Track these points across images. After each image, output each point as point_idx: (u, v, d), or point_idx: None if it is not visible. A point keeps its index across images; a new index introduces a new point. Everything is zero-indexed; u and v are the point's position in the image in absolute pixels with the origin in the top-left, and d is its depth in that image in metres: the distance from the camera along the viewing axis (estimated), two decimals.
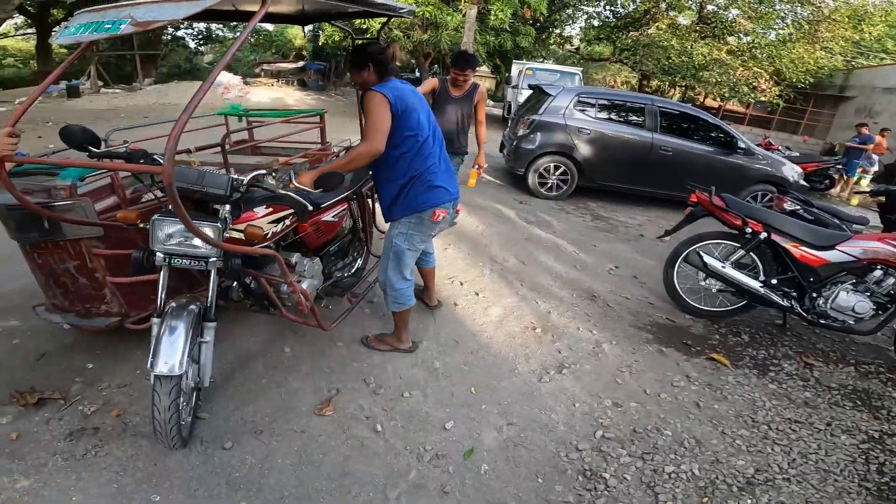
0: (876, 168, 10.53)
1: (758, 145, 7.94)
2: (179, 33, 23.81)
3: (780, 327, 3.94)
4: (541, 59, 20.47)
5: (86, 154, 2.03)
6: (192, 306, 2.08)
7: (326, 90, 22.07)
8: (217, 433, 2.35)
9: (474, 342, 3.24)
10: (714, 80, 15.70)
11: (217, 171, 2.16)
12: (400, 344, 3.05)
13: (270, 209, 2.34)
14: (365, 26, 11.21)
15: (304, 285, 2.61)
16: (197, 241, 2.00)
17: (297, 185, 2.21)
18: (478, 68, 4.17)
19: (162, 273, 2.10)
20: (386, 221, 2.80)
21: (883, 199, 4.65)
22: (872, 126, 16.11)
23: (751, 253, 3.71)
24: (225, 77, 18.14)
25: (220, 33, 26.06)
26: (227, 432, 2.37)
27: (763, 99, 16.83)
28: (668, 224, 6.30)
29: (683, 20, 18.31)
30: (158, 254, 2.04)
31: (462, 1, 11.55)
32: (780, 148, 10.83)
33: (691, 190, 3.89)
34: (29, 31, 23.91)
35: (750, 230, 3.61)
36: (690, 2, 17.45)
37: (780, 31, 16.30)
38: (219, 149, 3.38)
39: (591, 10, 20.87)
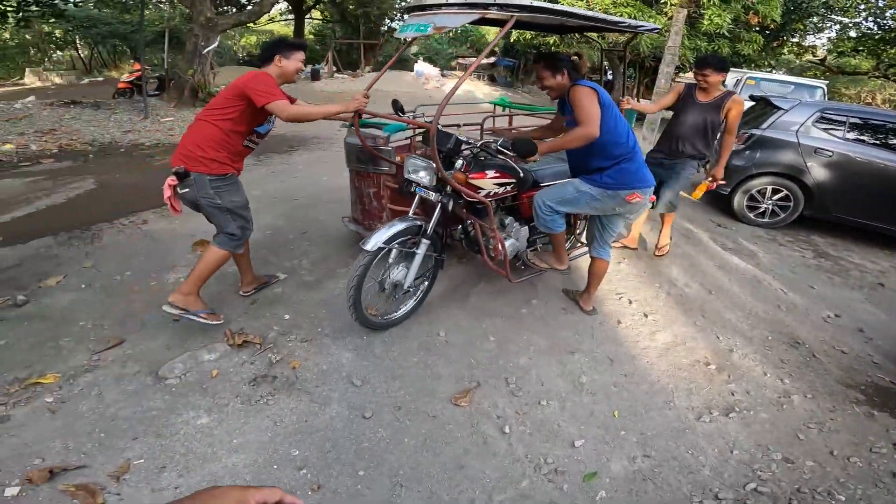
0: None
1: None
2: (395, 24, 26.51)
3: None
4: (769, 69, 18.03)
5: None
6: (416, 221, 2.92)
7: (514, 86, 22.82)
8: (364, 401, 2.62)
9: (631, 364, 3.06)
10: None
11: (459, 137, 2.97)
12: (558, 264, 3.33)
13: (498, 174, 3.00)
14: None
15: (508, 242, 3.22)
16: (423, 175, 2.98)
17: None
18: (725, 71, 3.90)
19: (415, 200, 3.08)
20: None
21: None
22: None
23: None
24: (427, 69, 19.86)
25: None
26: (372, 402, 2.61)
27: None
28: None
29: None
30: (408, 180, 3.06)
31: (668, 4, 10.72)
32: None
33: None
34: (290, 16, 28.59)
35: None
36: None
37: None
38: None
39: (846, 20, 17.85)
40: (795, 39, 19.23)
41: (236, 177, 2.95)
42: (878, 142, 5.68)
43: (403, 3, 19.76)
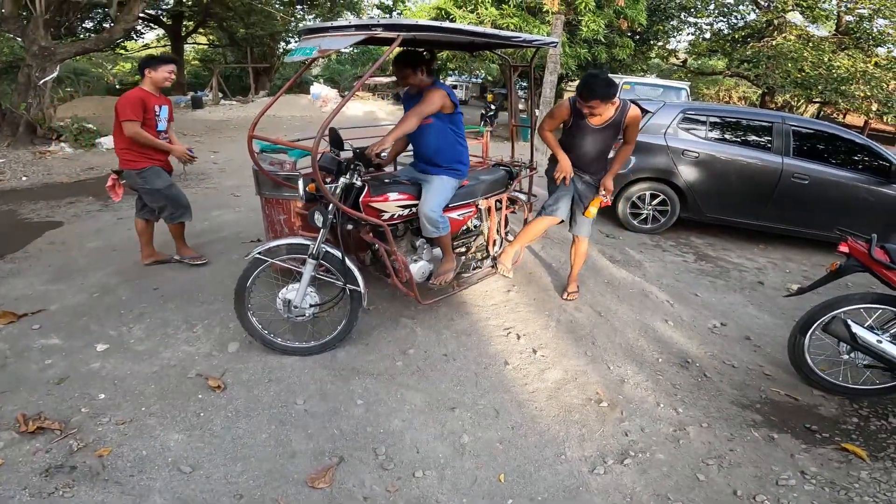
0: None
1: None
2: (290, 46, 25.51)
3: None
4: (641, 73, 19.19)
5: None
6: (305, 241, 2.85)
7: None
8: (195, 491, 2.11)
9: (519, 414, 2.70)
10: (862, 95, 13.68)
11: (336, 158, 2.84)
12: (450, 263, 3.31)
13: (402, 196, 3.02)
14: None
15: (418, 265, 3.24)
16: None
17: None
18: (612, 98, 3.27)
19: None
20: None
21: None
22: None
23: None
24: (324, 91, 19.22)
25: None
26: (205, 492, 2.10)
27: None
28: (797, 269, 5.29)
29: (818, 31, 16.32)
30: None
31: (550, 13, 10.97)
32: None
33: (842, 237, 3.01)
34: (167, 43, 26.53)
35: None
36: (826, 11, 15.57)
37: None
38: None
39: (700, 21, 19.43)
40: (661, 43, 20.56)
41: (156, 167, 3.76)
42: (739, 139, 5.85)
43: (299, 26, 19.15)
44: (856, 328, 2.81)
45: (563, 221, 3.63)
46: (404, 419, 2.57)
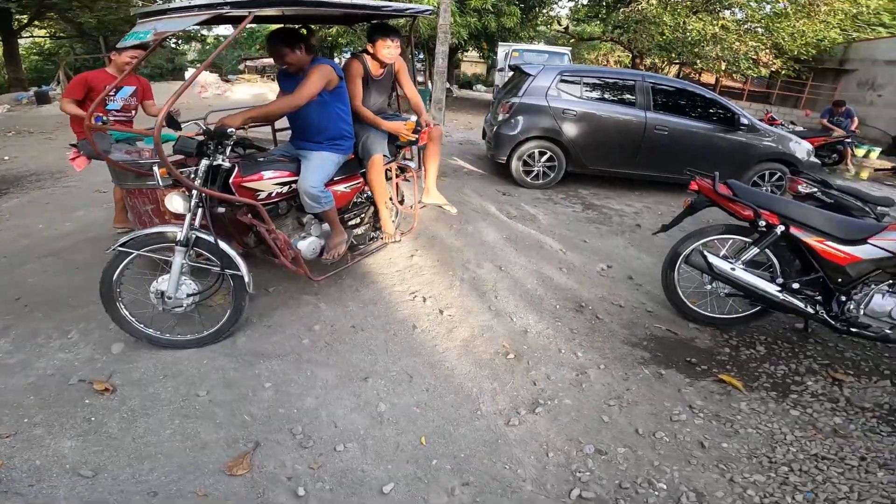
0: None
1: (760, 121, 7.15)
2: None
3: (802, 333, 3.25)
4: (529, 41, 19.45)
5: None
6: (172, 228, 2.49)
7: None
8: (103, 494, 1.86)
9: (432, 376, 2.59)
10: (714, 55, 14.77)
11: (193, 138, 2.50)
12: (340, 236, 3.09)
13: (280, 174, 2.78)
14: None
15: (307, 241, 2.97)
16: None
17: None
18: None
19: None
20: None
21: None
22: (875, 99, 15.22)
23: (765, 250, 2.99)
24: (201, 77, 17.51)
25: (202, 33, 25.09)
26: (115, 493, 1.86)
27: (767, 72, 15.84)
28: (667, 211, 5.60)
29: None
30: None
31: None
32: (783, 123, 9.96)
33: (691, 177, 3.17)
34: None
35: (764, 223, 2.92)
36: None
37: (776, 5, 15.23)
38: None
39: None
40: (545, 10, 20.78)
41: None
42: (609, 97, 6.03)
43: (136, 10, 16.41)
44: (712, 258, 2.96)
45: (386, 156, 3.33)
46: (318, 396, 2.38)
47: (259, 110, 2.63)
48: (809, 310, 2.88)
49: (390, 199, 3.51)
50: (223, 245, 2.49)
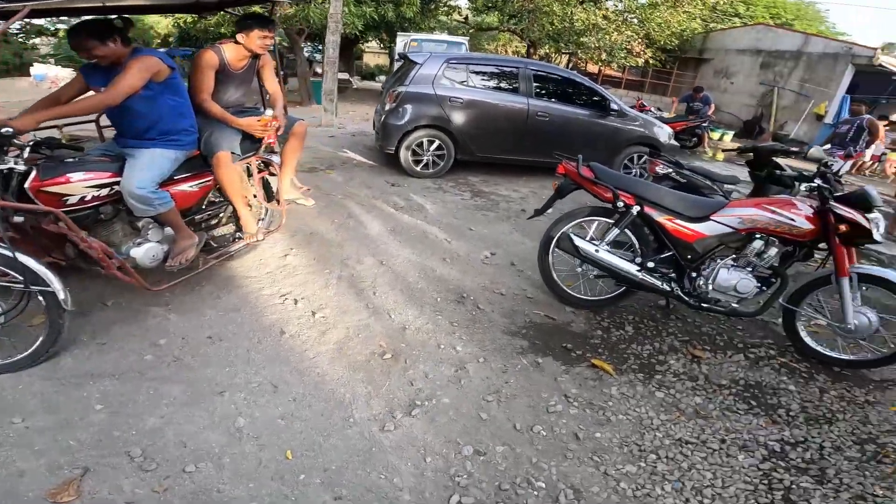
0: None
1: (632, 107, 7.60)
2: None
3: (664, 310, 3.40)
4: (429, 31, 19.28)
5: None
6: None
7: None
8: None
9: (300, 384, 2.38)
10: (593, 45, 15.50)
11: None
12: (189, 240, 2.77)
13: (96, 174, 2.40)
14: None
15: (143, 248, 2.64)
16: None
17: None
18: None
19: None
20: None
21: (752, 155, 4.23)
22: (728, 86, 16.88)
23: (627, 230, 3.08)
24: (51, 71, 15.47)
25: (56, 27, 22.14)
26: None
27: (639, 62, 16.94)
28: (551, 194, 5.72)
29: None
30: None
31: None
32: (651, 109, 10.70)
33: (558, 160, 3.19)
34: None
35: (622, 204, 2.99)
36: None
37: None
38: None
39: None
40: (446, 0, 20.59)
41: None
42: (494, 85, 6.03)
43: None
44: (577, 241, 3.00)
45: (236, 153, 3.04)
46: (162, 415, 2.08)
47: (61, 109, 2.26)
48: (665, 287, 3.00)
49: (254, 195, 3.19)
50: (24, 259, 2.08)
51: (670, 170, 4.05)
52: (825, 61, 14.08)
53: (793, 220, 2.76)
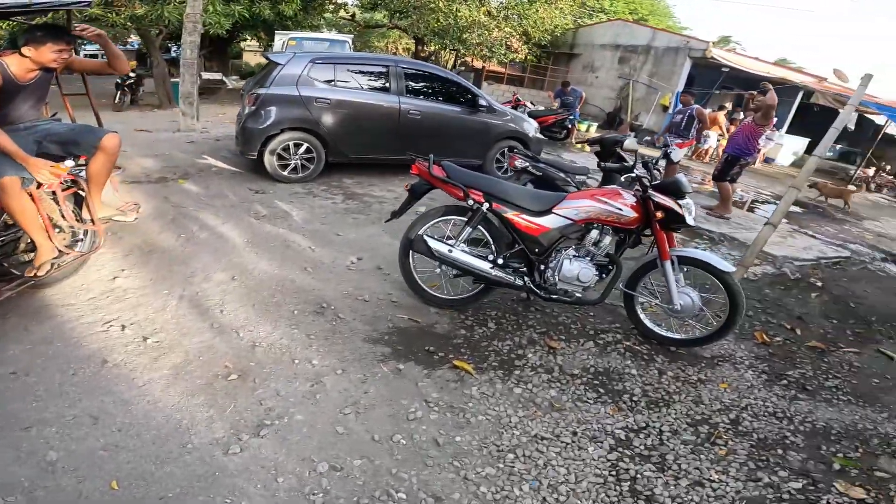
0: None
1: (507, 102, 7.96)
2: None
3: (525, 303, 3.60)
4: (313, 29, 18.76)
5: None
6: None
7: None
8: None
9: (126, 414, 2.22)
10: (476, 42, 16.07)
11: None
12: None
13: None
14: None
15: None
16: None
17: None
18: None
19: None
20: None
21: (599, 147, 4.61)
22: (594, 79, 18.37)
23: (481, 228, 3.23)
24: None
25: None
26: None
27: (518, 57, 17.85)
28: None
29: None
30: None
31: None
32: (526, 104, 11.32)
33: (412, 160, 3.26)
34: None
35: (472, 201, 3.13)
36: None
37: None
38: None
39: None
40: None
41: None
42: (364, 84, 6.00)
43: None
44: (431, 242, 3.10)
45: (26, 177, 2.68)
46: None
47: None
48: (518, 282, 3.17)
49: (62, 216, 2.87)
50: None
51: (528, 164, 4.30)
52: (668, 55, 15.71)
53: (620, 209, 3.05)
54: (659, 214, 3.01)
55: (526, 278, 3.20)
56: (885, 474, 2.37)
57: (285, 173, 5.77)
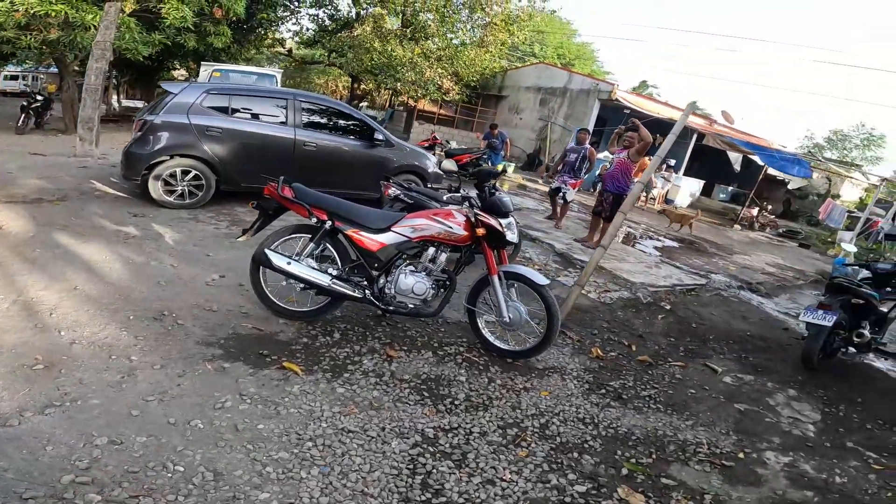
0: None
1: (426, 140, 8.57)
2: None
3: (380, 317, 3.99)
4: (246, 62, 19.39)
5: None
6: None
7: None
8: None
9: None
10: (410, 80, 17.14)
11: None
12: None
13: None
14: None
15: None
16: None
17: None
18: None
19: None
20: None
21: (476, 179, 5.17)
22: (518, 121, 19.79)
23: (328, 244, 3.66)
24: None
25: None
26: None
27: (453, 96, 19.09)
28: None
29: (390, 25, 19.54)
30: None
31: None
32: (443, 142, 12.14)
33: (266, 182, 3.68)
34: None
35: (315, 219, 3.56)
36: (397, 5, 18.82)
37: (461, 36, 18.73)
38: None
39: (306, 10, 20.95)
40: (265, 32, 20.81)
41: None
42: (260, 116, 6.50)
43: None
44: (271, 255, 3.52)
45: None
46: None
47: None
48: (358, 294, 3.60)
49: None
50: None
51: (400, 192, 4.80)
52: (581, 97, 17.57)
53: (451, 227, 3.55)
54: (480, 231, 3.52)
55: (367, 291, 3.61)
56: (671, 482, 2.77)
57: (171, 199, 6.09)
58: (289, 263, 3.50)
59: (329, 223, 3.56)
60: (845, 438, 3.54)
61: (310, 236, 3.68)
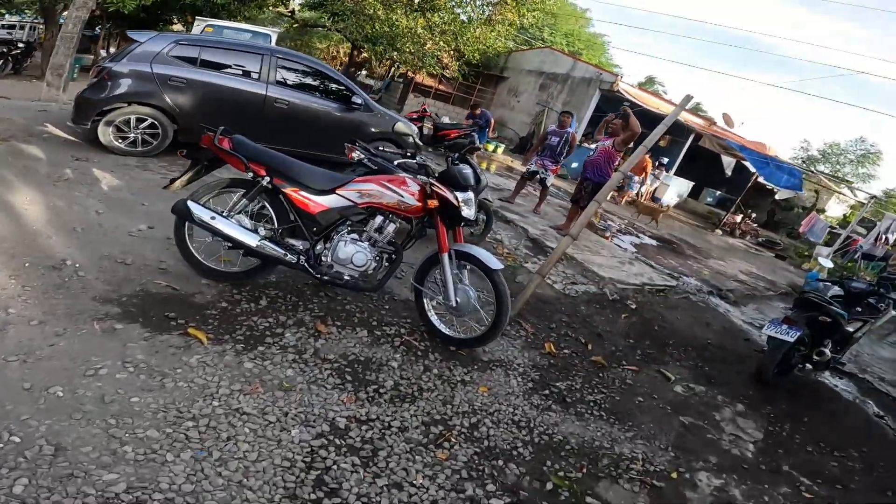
0: None
1: (416, 111, 8.10)
2: None
3: (318, 288, 3.57)
4: (245, 20, 18.66)
5: None
6: None
7: None
8: None
9: None
10: (408, 51, 16.49)
11: None
12: None
13: None
14: None
15: None
16: None
17: None
18: None
19: None
20: None
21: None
22: (515, 104, 19.27)
23: (266, 202, 3.22)
24: None
25: None
26: None
27: (452, 72, 18.44)
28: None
29: None
30: None
31: None
32: (433, 115, 11.68)
33: (204, 132, 3.26)
34: None
35: (251, 174, 3.11)
36: None
37: (469, 12, 18.03)
38: None
39: None
40: None
41: None
42: (230, 69, 6.04)
43: None
44: (193, 207, 3.06)
45: None
46: None
47: None
48: (291, 259, 3.18)
49: None
50: None
51: (364, 156, 4.36)
52: (582, 85, 17.01)
53: (402, 196, 3.12)
54: (432, 203, 3.09)
55: (302, 257, 3.19)
56: (595, 501, 2.43)
57: (123, 146, 5.63)
58: (213, 218, 3.05)
59: (267, 179, 3.11)
60: (783, 461, 3.27)
61: (244, 191, 3.24)
